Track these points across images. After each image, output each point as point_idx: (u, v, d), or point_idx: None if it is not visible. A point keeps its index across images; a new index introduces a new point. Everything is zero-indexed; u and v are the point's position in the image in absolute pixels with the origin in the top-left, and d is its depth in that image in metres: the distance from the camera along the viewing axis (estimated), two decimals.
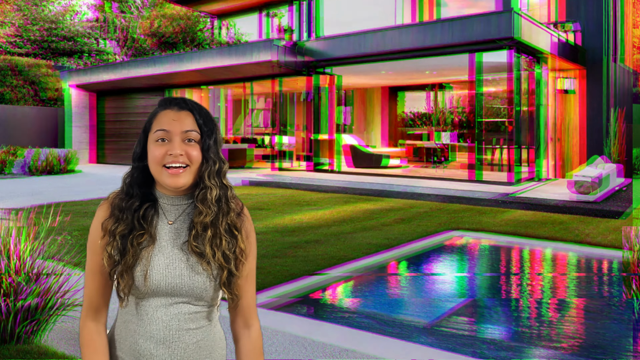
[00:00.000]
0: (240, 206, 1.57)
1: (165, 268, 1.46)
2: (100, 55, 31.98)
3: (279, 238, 7.11)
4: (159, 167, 1.46)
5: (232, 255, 1.49)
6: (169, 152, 1.45)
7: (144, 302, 1.47)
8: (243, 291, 1.55)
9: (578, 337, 4.46)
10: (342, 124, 17.01)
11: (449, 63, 14.18)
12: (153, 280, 1.45)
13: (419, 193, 10.96)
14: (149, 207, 1.51)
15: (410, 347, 3.84)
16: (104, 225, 1.49)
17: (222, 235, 1.49)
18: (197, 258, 1.47)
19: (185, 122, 1.48)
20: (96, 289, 1.52)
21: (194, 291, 1.46)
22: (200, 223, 1.47)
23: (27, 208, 4.72)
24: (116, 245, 1.46)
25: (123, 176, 1.54)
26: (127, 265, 1.44)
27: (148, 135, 1.51)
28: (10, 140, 21.62)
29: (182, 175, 1.45)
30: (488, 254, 7.37)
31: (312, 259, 6.01)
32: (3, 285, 3.44)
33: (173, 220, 1.51)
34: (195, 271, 1.47)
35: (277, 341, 3.75)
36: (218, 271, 1.48)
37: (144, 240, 1.47)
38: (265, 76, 16.38)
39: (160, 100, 1.56)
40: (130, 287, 1.45)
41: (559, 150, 14.38)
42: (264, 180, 13.56)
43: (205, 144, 1.48)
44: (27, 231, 3.73)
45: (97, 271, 1.51)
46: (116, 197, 1.52)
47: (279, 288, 5.06)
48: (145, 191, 1.52)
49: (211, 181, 1.48)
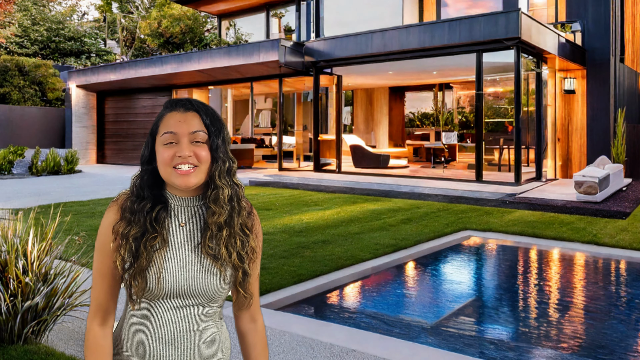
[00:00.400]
0: (249, 205, 1.57)
1: (179, 270, 1.46)
2: (107, 56, 32.07)
3: (287, 238, 7.10)
4: (168, 168, 1.45)
5: (245, 255, 1.51)
6: (177, 154, 1.44)
7: (156, 304, 1.47)
8: (254, 290, 1.58)
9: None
10: (343, 124, 17.00)
11: (453, 63, 14.16)
12: (166, 283, 1.44)
13: (424, 193, 10.93)
14: (161, 209, 1.50)
15: (418, 347, 3.82)
16: (115, 228, 1.48)
17: (237, 235, 1.50)
18: (211, 260, 1.47)
19: (192, 123, 1.47)
20: (105, 291, 1.52)
21: (208, 293, 1.47)
22: (215, 223, 1.47)
23: (35, 208, 4.72)
24: (129, 248, 1.45)
25: (132, 178, 1.54)
26: (140, 269, 1.43)
27: (155, 138, 1.50)
28: (17, 140, 21.70)
29: (193, 175, 1.45)
30: (508, 255, 7.35)
31: (320, 259, 5.99)
32: (11, 285, 3.44)
33: (185, 222, 1.51)
34: (209, 273, 1.47)
35: (284, 341, 3.74)
36: (232, 272, 1.49)
37: (156, 243, 1.47)
38: (269, 76, 16.38)
39: (166, 102, 1.55)
40: (143, 290, 1.44)
41: (562, 150, 14.34)
42: (270, 181, 13.56)
43: (213, 143, 1.48)
44: (34, 231, 3.73)
45: (107, 274, 1.50)
46: (126, 200, 1.51)
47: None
48: (156, 193, 1.52)
49: (222, 181, 1.48)
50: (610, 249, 6.94)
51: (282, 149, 16.31)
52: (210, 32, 25.18)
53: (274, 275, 5.35)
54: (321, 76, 15.47)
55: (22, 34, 29.69)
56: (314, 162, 15.44)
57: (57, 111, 23.81)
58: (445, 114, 20.20)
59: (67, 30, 31.05)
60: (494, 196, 10.33)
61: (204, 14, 23.22)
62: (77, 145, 20.98)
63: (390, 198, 11.08)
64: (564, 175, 14.25)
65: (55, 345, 3.57)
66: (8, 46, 29.06)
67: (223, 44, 20.87)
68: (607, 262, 6.77)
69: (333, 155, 15.48)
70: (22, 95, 24.23)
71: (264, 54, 14.58)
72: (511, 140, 13.04)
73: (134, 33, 32.47)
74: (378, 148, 19.73)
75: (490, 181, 12.05)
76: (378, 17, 16.93)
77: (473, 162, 13.03)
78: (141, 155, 1.54)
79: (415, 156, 19.43)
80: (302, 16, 19.45)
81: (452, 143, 17.02)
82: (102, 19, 35.61)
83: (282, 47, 14.27)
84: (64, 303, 3.60)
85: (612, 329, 4.52)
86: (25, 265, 3.53)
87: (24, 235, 3.71)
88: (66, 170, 16.87)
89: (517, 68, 11.77)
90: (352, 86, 20.31)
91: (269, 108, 22.90)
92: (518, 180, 11.85)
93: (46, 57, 30.71)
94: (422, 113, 22.04)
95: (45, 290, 3.49)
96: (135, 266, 1.44)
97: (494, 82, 14.71)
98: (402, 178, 13.38)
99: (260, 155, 19.78)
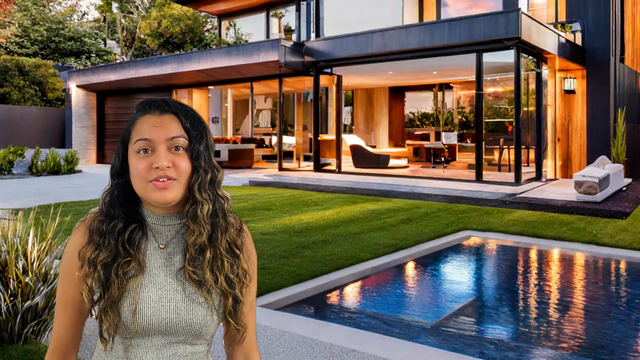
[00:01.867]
0: (239, 222, 1.37)
1: (158, 301, 1.25)
2: (107, 56, 32.07)
3: (287, 238, 7.09)
4: (143, 182, 1.24)
5: (236, 279, 1.30)
6: (154, 164, 1.23)
7: (132, 343, 1.26)
8: (248, 321, 1.36)
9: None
10: (343, 124, 17.00)
11: (453, 63, 14.16)
12: (144, 317, 1.23)
13: (424, 193, 10.93)
14: (135, 229, 1.28)
15: (418, 347, 3.82)
16: (82, 253, 1.26)
17: (224, 256, 1.29)
18: (195, 286, 1.27)
19: (170, 127, 1.26)
20: (66, 326, 1.31)
21: (193, 328, 1.26)
22: (194, 244, 1.27)
23: (35, 208, 4.72)
24: (97, 276, 1.24)
25: (101, 195, 1.32)
26: (111, 300, 1.22)
27: (128, 147, 1.29)
28: (17, 140, 21.70)
29: (171, 188, 1.24)
30: (508, 255, 7.35)
31: (320, 259, 5.99)
32: (11, 285, 3.44)
33: (165, 244, 1.30)
34: (194, 303, 1.26)
35: (284, 341, 3.74)
36: (221, 299, 1.28)
37: (130, 269, 1.25)
38: (269, 76, 16.38)
39: (139, 104, 1.32)
40: (116, 326, 1.23)
41: (562, 150, 14.34)
42: (270, 181, 13.56)
43: (194, 150, 1.27)
44: (34, 231, 3.73)
45: (70, 304, 1.29)
46: (94, 220, 1.29)
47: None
48: (129, 210, 1.30)
49: (202, 194, 1.26)
50: (610, 249, 6.94)
51: (282, 149, 16.31)
52: (210, 32, 25.18)
53: (274, 275, 5.35)
54: (321, 76, 15.47)
55: (22, 34, 29.68)
56: (314, 162, 15.44)
57: (57, 111, 23.81)
58: (445, 114, 20.21)
59: (67, 30, 31.05)
60: (494, 196, 10.33)
61: (204, 14, 23.23)
62: (77, 145, 20.98)
63: (390, 198, 11.08)
64: (564, 175, 14.25)
65: None
66: (8, 46, 29.05)
67: (223, 44, 20.87)
68: (607, 262, 6.77)
69: (333, 155, 15.48)
70: (22, 95, 24.23)
71: (264, 54, 14.59)
72: (511, 140, 13.04)
73: (134, 33, 32.46)
74: (378, 148, 19.73)
75: (490, 181, 12.05)
76: (378, 17, 16.93)
77: (473, 162, 13.03)
78: (111, 167, 1.32)
79: (415, 156, 19.43)
80: (302, 16, 19.45)
81: (452, 143, 17.02)
82: (102, 19, 35.61)
83: (282, 47, 14.27)
84: None
85: (612, 329, 4.52)
86: (25, 265, 3.53)
87: (24, 235, 3.71)
88: (66, 170, 16.87)
89: (517, 68, 11.77)
90: (352, 86, 20.31)
91: (269, 108, 22.90)
92: (518, 180, 11.85)
93: (46, 57, 30.71)
94: (422, 113, 22.05)
95: (45, 290, 3.49)
96: (105, 298, 1.22)
97: (494, 82, 14.72)
98: (402, 178, 13.38)
99: (260, 155, 19.78)
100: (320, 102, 15.80)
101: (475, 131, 12.44)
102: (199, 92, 19.45)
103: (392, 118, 21.11)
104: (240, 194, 11.68)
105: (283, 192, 12.08)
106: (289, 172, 15.42)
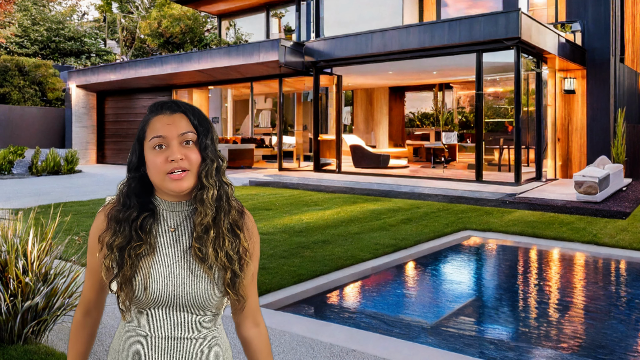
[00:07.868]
0: (240, 205, 1.55)
1: (166, 277, 1.44)
2: (107, 56, 32.06)
3: (287, 238, 7.09)
4: (161, 174, 1.43)
5: (236, 256, 1.47)
6: (169, 158, 1.42)
7: (146, 313, 1.46)
8: (249, 292, 1.54)
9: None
10: (343, 124, 16.99)
11: (453, 63, 14.15)
12: (154, 290, 1.42)
13: (424, 193, 10.93)
14: (147, 217, 1.48)
15: (418, 347, 3.82)
16: (101, 238, 1.48)
17: (225, 235, 1.46)
18: (199, 263, 1.45)
19: (180, 124, 1.45)
20: (90, 288, 1.56)
21: (197, 300, 1.44)
22: (200, 224, 1.45)
23: (35, 208, 4.72)
24: (114, 258, 1.44)
25: (118, 186, 1.52)
26: (125, 277, 1.42)
27: (143, 144, 1.48)
28: (17, 140, 21.69)
29: (185, 179, 1.43)
30: (508, 255, 7.35)
31: (320, 259, 5.99)
32: (11, 285, 3.43)
33: (175, 227, 1.49)
34: (197, 277, 1.44)
35: (284, 341, 3.74)
36: (221, 273, 1.46)
37: (142, 251, 1.44)
38: (269, 76, 16.38)
39: (151, 106, 1.52)
40: (131, 299, 1.43)
41: (562, 150, 14.34)
42: (270, 181, 13.56)
43: (202, 143, 1.46)
44: (34, 231, 3.73)
45: (95, 272, 1.53)
46: (112, 209, 1.50)
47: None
48: (143, 200, 1.50)
49: (209, 180, 1.45)
50: (610, 249, 6.94)
51: (282, 149, 16.30)
52: (210, 32, 25.17)
53: (274, 275, 5.35)
54: (321, 76, 15.47)
55: (22, 34, 29.67)
56: (314, 162, 15.44)
57: (57, 111, 23.80)
58: (445, 114, 20.20)
59: (67, 30, 31.03)
60: (494, 196, 10.33)
61: (204, 14, 23.22)
62: (77, 145, 20.98)
63: (390, 198, 11.08)
64: (564, 175, 14.25)
65: (55, 345, 3.57)
66: (8, 46, 29.04)
67: (223, 44, 20.87)
68: (607, 262, 6.77)
69: (333, 155, 15.48)
70: (22, 95, 24.22)
71: (264, 54, 14.58)
72: (511, 140, 13.04)
73: (134, 33, 32.46)
74: (378, 148, 19.72)
75: (490, 181, 12.04)
76: (378, 17, 16.93)
77: (473, 162, 13.02)
78: (128, 162, 1.51)
79: (415, 156, 19.42)
80: (302, 16, 19.44)
81: (452, 143, 17.01)
82: (102, 19, 35.60)
83: (282, 47, 14.27)
84: (64, 303, 3.60)
85: (612, 329, 4.52)
86: (25, 265, 3.53)
87: (24, 235, 3.70)
88: (66, 170, 16.87)
89: (517, 68, 11.77)
90: (352, 86, 20.31)
91: (269, 108, 22.90)
92: (518, 180, 11.85)
93: (46, 57, 30.69)
94: (422, 113, 22.05)
95: (45, 290, 3.49)
96: (120, 275, 1.43)
97: (494, 82, 14.72)
98: (402, 178, 13.37)
99: (260, 155, 19.77)
100: (320, 102, 15.80)
101: (475, 131, 12.44)
102: (199, 92, 19.44)
103: (392, 118, 21.10)
104: (240, 193, 11.68)
105: (283, 192, 12.08)
106: (289, 172, 15.42)
